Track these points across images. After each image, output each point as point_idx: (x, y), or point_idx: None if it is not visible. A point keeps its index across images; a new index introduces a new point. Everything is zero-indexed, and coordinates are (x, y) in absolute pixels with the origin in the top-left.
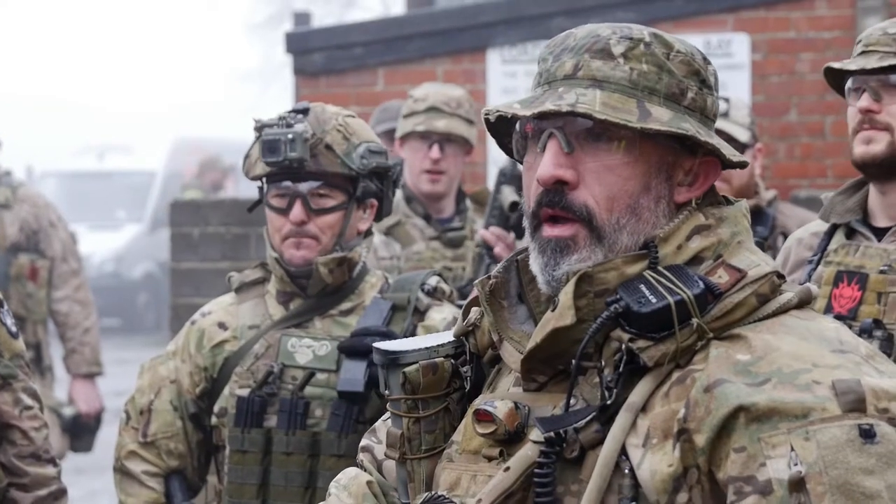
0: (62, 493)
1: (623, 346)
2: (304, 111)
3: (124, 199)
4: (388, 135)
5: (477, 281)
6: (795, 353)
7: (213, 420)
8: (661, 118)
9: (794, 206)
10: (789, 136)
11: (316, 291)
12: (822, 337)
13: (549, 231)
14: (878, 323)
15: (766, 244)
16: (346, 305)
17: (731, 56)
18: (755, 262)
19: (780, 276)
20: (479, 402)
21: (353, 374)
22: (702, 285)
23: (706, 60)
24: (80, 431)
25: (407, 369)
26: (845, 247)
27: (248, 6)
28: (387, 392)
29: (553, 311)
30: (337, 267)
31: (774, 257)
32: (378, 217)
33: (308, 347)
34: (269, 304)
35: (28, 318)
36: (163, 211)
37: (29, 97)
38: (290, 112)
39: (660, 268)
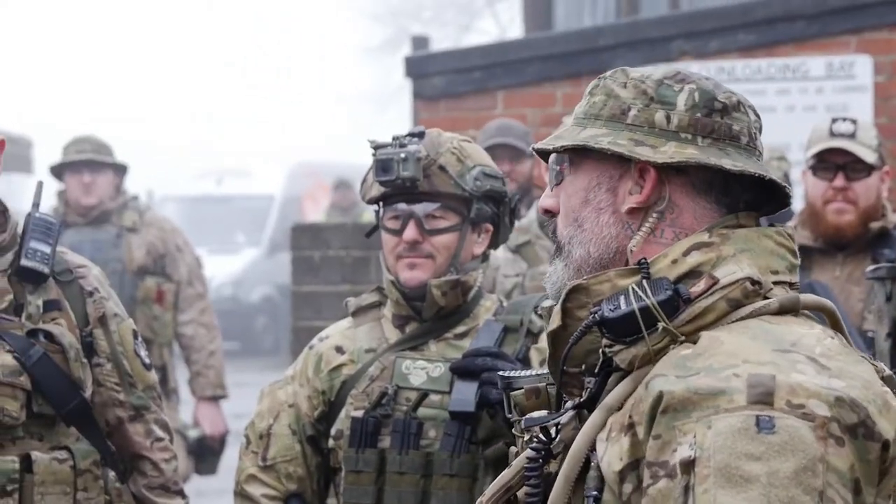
0: None
1: (600, 351)
2: (420, 134)
3: (243, 223)
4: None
5: (543, 308)
6: (734, 350)
7: (331, 443)
8: (578, 136)
9: None
10: None
11: (430, 314)
12: (774, 338)
13: None
14: None
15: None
16: (460, 329)
17: (853, 78)
18: (731, 270)
19: (756, 283)
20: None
21: (465, 394)
22: (669, 293)
23: (670, 80)
24: (205, 454)
25: (514, 393)
26: None
27: (364, 30)
28: (510, 415)
29: None
30: (451, 290)
31: None
32: (494, 243)
33: (422, 369)
34: (385, 328)
35: (154, 340)
36: (281, 234)
37: (150, 125)
38: (405, 135)
39: (644, 280)
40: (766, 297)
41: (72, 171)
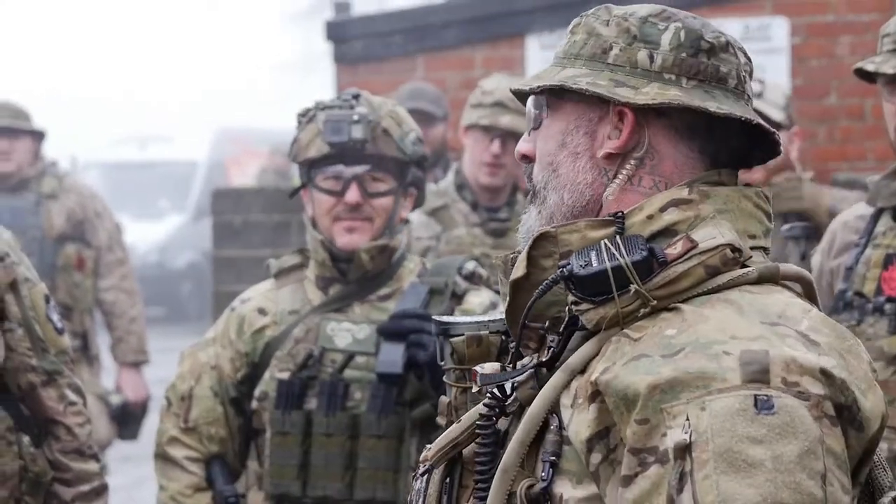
0: (104, 488)
1: (566, 308)
2: (357, 97)
3: (167, 189)
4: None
5: (498, 256)
6: (721, 325)
7: (255, 404)
8: (556, 76)
9: (830, 188)
10: (829, 119)
11: (356, 277)
12: (761, 310)
13: None
14: None
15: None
16: (384, 291)
17: (769, 40)
18: (711, 235)
19: (736, 250)
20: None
21: (392, 355)
22: (644, 253)
23: (657, 21)
24: (128, 419)
25: (453, 340)
26: (894, 229)
27: None
28: (442, 362)
29: None
30: (378, 254)
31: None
32: (416, 206)
33: (347, 331)
34: (307, 290)
35: (75, 307)
36: (206, 200)
37: (70, 89)
38: (350, 97)
39: (618, 236)
40: (744, 265)
41: None
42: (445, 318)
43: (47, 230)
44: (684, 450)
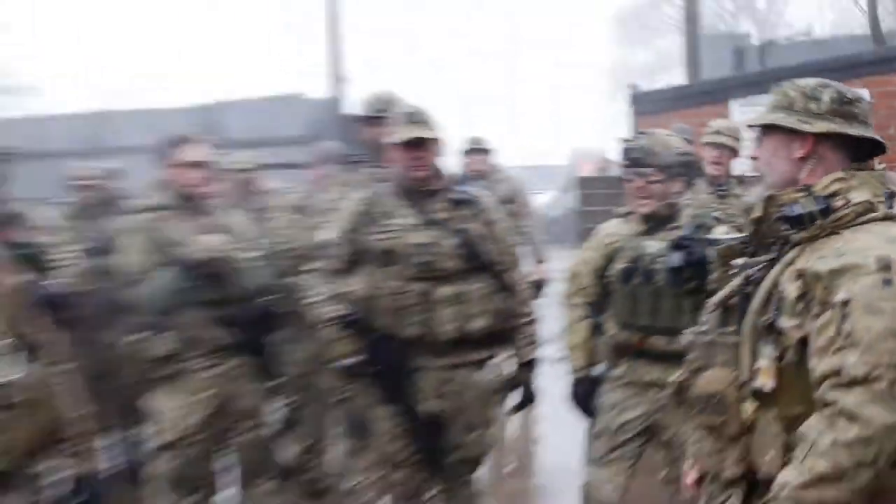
0: (534, 321)
1: (781, 234)
2: (644, 133)
3: (549, 181)
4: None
5: (738, 206)
6: (864, 242)
7: (609, 279)
8: (765, 118)
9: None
10: (890, 143)
11: (658, 218)
12: (886, 235)
13: None
14: None
15: None
16: (672, 225)
17: None
18: (857, 196)
19: (871, 204)
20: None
21: (676, 257)
22: (823, 205)
23: (820, 88)
24: (539, 288)
25: (717, 248)
26: None
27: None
28: (711, 262)
29: None
30: (665, 208)
31: None
32: (688, 187)
33: (654, 245)
34: (634, 224)
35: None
36: (568, 183)
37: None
38: (639, 133)
39: (809, 196)
40: (875, 211)
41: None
42: (713, 236)
43: (497, 198)
44: (846, 303)
